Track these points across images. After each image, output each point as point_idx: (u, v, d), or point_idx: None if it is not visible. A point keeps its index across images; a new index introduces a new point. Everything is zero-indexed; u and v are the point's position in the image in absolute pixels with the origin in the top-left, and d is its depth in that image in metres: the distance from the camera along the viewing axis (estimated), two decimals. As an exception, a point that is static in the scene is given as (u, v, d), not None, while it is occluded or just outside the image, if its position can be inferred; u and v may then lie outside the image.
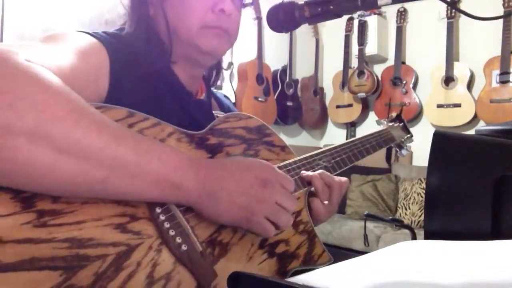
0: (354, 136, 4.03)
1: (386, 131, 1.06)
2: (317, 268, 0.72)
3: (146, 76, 0.70)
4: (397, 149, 1.12)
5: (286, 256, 0.69)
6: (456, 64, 3.32)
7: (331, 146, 0.89)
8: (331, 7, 0.60)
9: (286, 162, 0.77)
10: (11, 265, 0.43)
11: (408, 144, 1.14)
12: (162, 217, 0.55)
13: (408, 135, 1.13)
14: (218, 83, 0.93)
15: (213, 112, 0.84)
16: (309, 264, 0.72)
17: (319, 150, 0.86)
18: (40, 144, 0.43)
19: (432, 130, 0.77)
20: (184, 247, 0.55)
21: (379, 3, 0.57)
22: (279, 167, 0.74)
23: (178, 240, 0.55)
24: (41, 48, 0.57)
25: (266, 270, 0.65)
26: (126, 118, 0.59)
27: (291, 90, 3.86)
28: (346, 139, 4.05)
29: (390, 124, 1.12)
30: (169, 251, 0.54)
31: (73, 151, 0.45)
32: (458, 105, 3.27)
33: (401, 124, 1.14)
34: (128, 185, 0.50)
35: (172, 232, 0.55)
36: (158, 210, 0.55)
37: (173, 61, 0.76)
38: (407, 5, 3.69)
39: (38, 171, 0.44)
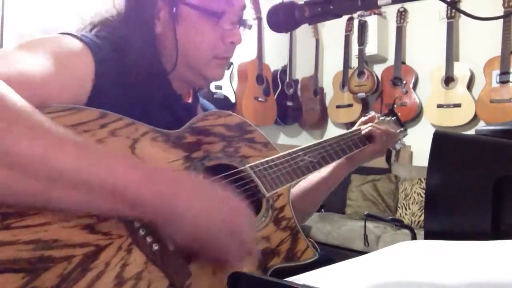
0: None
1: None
2: (301, 264, 0.71)
3: (137, 81, 0.70)
4: None
5: (267, 253, 0.68)
6: (456, 64, 3.31)
7: (316, 142, 0.89)
8: (331, 7, 0.60)
9: (268, 158, 0.77)
10: None
11: (403, 139, 1.12)
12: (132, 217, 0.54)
13: (401, 129, 1.11)
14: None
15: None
16: (292, 260, 0.71)
17: (304, 146, 0.86)
18: None
19: (432, 130, 0.77)
20: (155, 247, 0.54)
21: (379, 3, 0.57)
22: (261, 163, 0.74)
23: (149, 239, 0.54)
24: (12, 56, 0.57)
25: (245, 267, 0.64)
26: (98, 119, 0.58)
27: (291, 90, 3.85)
28: (346, 139, 4.05)
29: (382, 118, 1.10)
30: (140, 251, 0.53)
31: (3, 161, 0.43)
32: (458, 105, 3.26)
33: (393, 118, 1.13)
34: (74, 198, 0.47)
35: (142, 232, 0.54)
36: None
37: (170, 76, 0.77)
38: (407, 5, 3.68)
39: None
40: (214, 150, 0.71)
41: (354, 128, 1.04)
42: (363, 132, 1.01)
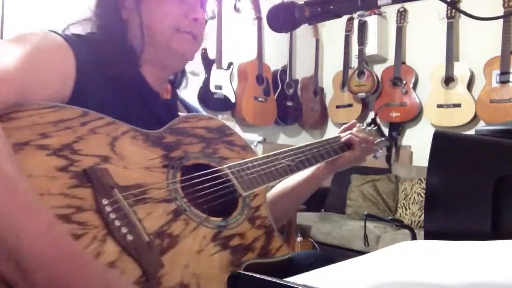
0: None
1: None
2: (275, 260, 0.73)
3: (114, 78, 0.72)
4: None
5: (241, 248, 0.69)
6: (456, 64, 3.31)
7: (294, 146, 0.92)
8: (331, 7, 0.60)
9: (247, 159, 0.79)
10: None
11: (384, 149, 1.16)
12: (108, 209, 0.56)
13: (382, 138, 1.15)
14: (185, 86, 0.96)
15: (179, 113, 0.86)
16: (266, 256, 0.72)
17: (282, 150, 0.89)
18: None
19: (432, 130, 0.77)
20: (129, 237, 0.56)
21: (379, 3, 0.57)
22: (239, 164, 0.77)
23: (124, 230, 0.56)
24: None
25: (217, 261, 0.65)
26: (79, 117, 0.60)
27: (291, 90, 3.85)
28: (346, 139, 4.06)
29: (363, 127, 1.14)
30: (114, 241, 0.55)
31: None
32: (458, 105, 3.26)
33: (375, 128, 1.17)
34: None
35: (117, 223, 0.56)
36: (105, 202, 0.56)
37: (143, 63, 0.79)
38: (407, 5, 3.68)
39: None
40: (193, 151, 0.73)
41: (335, 135, 1.07)
42: (342, 139, 1.05)
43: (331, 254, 0.77)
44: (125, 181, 0.60)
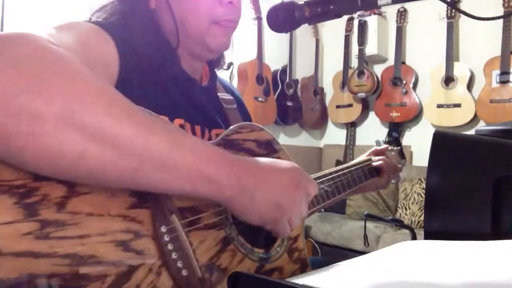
0: (354, 136, 4.03)
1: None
2: None
3: (153, 68, 0.70)
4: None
5: None
6: (456, 64, 3.31)
7: (330, 170, 0.91)
8: (331, 7, 0.60)
9: None
10: (6, 282, 0.39)
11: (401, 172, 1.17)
12: (166, 238, 0.52)
13: (403, 160, 1.16)
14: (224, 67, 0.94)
15: (218, 94, 0.84)
16: None
17: (320, 173, 0.87)
18: (68, 132, 0.41)
19: (432, 130, 0.77)
20: (184, 273, 0.53)
21: (379, 3, 0.57)
22: None
23: (179, 264, 0.52)
24: (57, 36, 0.56)
25: None
26: None
27: (291, 90, 3.85)
28: (346, 139, 4.06)
29: (390, 148, 1.14)
30: (169, 275, 0.51)
31: (102, 139, 0.43)
32: (458, 105, 3.26)
33: (398, 148, 1.17)
34: (159, 176, 0.48)
35: (174, 255, 0.52)
36: (163, 229, 0.52)
37: (178, 53, 0.76)
38: (407, 5, 3.68)
39: (66, 159, 0.42)
40: None
41: (366, 157, 1.07)
42: (374, 164, 1.04)
43: (332, 261, 0.76)
44: (181, 201, 0.57)
